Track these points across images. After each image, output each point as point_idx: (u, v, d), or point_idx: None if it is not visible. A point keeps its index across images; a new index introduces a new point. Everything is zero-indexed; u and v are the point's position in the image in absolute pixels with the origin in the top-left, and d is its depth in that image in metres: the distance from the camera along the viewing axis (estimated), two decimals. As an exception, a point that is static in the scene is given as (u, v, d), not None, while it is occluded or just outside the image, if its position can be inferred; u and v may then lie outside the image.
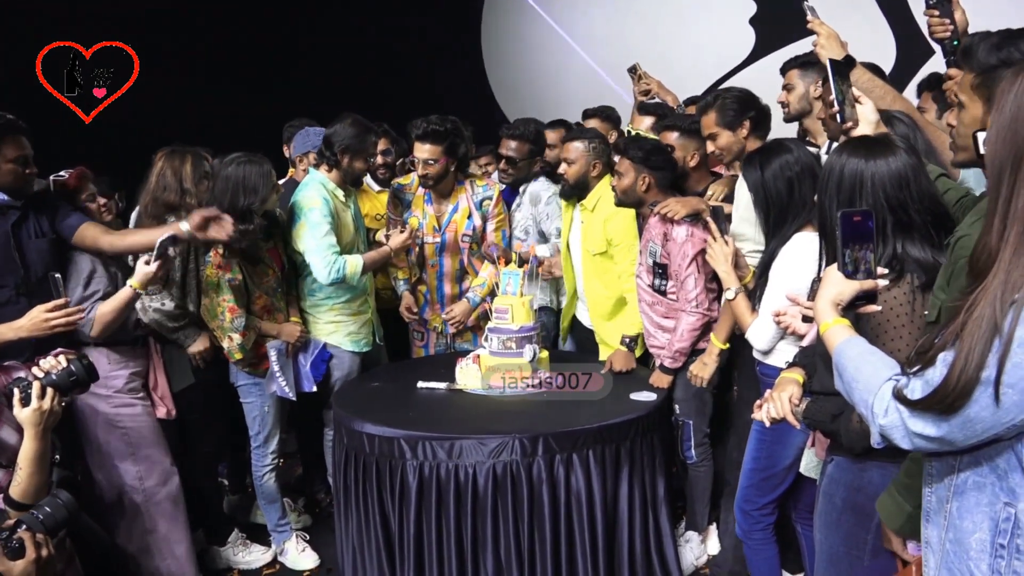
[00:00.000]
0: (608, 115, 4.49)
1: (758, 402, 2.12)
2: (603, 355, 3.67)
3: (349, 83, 6.21)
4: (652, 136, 3.62)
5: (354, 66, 6.53)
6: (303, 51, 6.24)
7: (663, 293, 3.30)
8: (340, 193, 3.63)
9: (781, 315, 2.30)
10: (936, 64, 3.13)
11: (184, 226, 3.02)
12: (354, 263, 3.53)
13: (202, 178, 3.37)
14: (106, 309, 3.01)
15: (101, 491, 3.14)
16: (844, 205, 1.91)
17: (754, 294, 2.77)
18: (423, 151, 3.74)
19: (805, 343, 2.32)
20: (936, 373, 1.29)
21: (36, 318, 2.67)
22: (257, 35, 5.92)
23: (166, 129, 3.77)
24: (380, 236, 3.86)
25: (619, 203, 3.42)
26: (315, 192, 3.54)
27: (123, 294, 3.00)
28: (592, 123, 4.35)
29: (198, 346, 3.39)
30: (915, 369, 1.35)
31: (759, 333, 2.73)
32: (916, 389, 1.33)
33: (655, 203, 3.24)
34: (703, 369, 3.16)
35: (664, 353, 3.29)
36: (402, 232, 3.72)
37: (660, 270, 3.29)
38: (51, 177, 3.11)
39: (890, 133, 2.14)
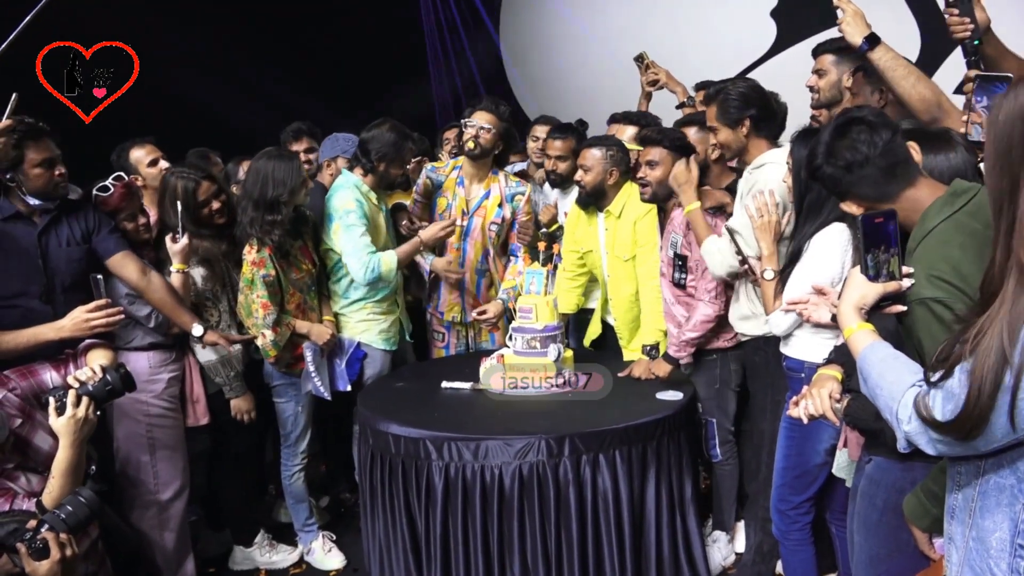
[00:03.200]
0: (634, 121, 4.42)
1: (794, 399, 2.11)
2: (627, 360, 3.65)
3: (359, 81, 6.21)
4: (635, 147, 3.57)
5: (365, 64, 6.53)
6: (312, 49, 6.22)
7: (683, 287, 3.28)
8: (373, 196, 3.66)
9: (800, 303, 2.28)
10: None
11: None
12: (388, 260, 3.55)
13: (223, 179, 3.40)
14: (165, 296, 3.10)
15: (120, 494, 3.19)
16: None
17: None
18: (483, 118, 3.85)
19: (839, 340, 2.32)
20: (955, 383, 1.32)
21: (77, 319, 2.70)
22: (261, 32, 5.91)
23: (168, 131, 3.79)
24: (404, 226, 3.87)
25: (651, 198, 3.34)
26: (349, 194, 3.57)
27: (173, 279, 3.15)
28: (617, 128, 4.29)
29: (243, 403, 3.43)
30: (936, 378, 1.37)
31: (780, 318, 2.71)
32: (936, 405, 1.36)
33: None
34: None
35: (672, 341, 3.27)
36: (439, 223, 3.71)
37: (680, 261, 3.27)
38: (94, 189, 3.12)
39: (951, 128, 2.10)
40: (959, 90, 2.47)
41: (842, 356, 2.16)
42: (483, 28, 7.39)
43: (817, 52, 3.36)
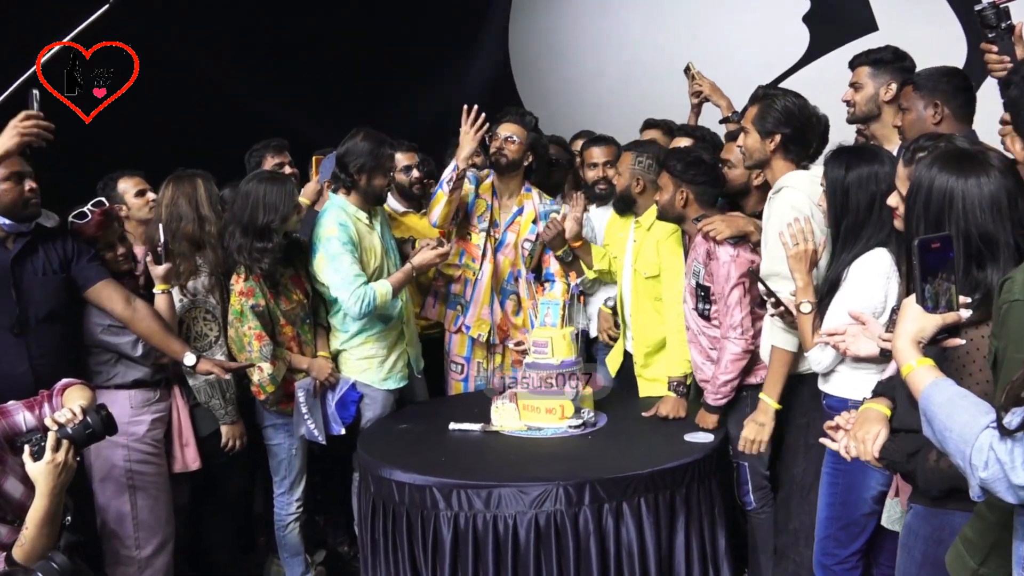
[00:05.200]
0: (669, 127, 4.43)
1: (828, 424, 2.10)
2: (642, 391, 3.67)
3: (363, 92, 6.25)
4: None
5: (369, 74, 6.57)
6: (311, 56, 6.28)
7: (707, 318, 3.29)
8: (363, 215, 3.65)
9: (837, 335, 2.26)
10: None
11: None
12: (383, 290, 3.55)
13: (217, 202, 3.43)
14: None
15: (98, 548, 3.19)
16: (931, 225, 1.90)
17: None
18: (508, 129, 3.96)
19: (885, 375, 2.32)
20: None
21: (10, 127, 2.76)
22: (258, 41, 5.98)
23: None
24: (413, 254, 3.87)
25: (660, 217, 3.45)
26: (331, 219, 3.56)
27: (157, 302, 3.20)
28: (650, 134, 4.34)
29: (236, 429, 3.43)
30: (1016, 424, 1.36)
31: (820, 353, 2.71)
32: (1019, 462, 1.35)
33: (698, 219, 3.25)
34: (759, 431, 3.08)
35: (708, 389, 3.28)
36: (431, 248, 3.72)
37: (703, 292, 3.28)
38: (70, 216, 3.15)
39: (987, 148, 2.11)
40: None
41: (890, 389, 2.14)
42: (489, 36, 7.44)
43: (853, 64, 3.39)
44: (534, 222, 4.06)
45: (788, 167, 3.03)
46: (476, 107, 3.88)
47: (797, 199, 2.91)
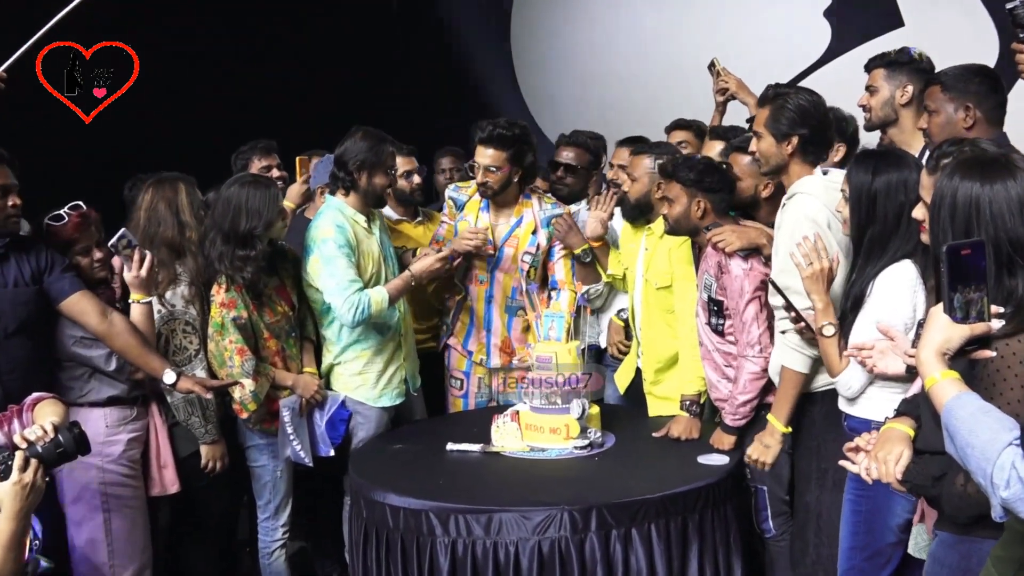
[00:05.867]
0: (700, 128, 4.43)
1: (848, 445, 2.12)
2: (652, 410, 3.67)
3: (357, 95, 6.29)
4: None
5: (364, 76, 6.61)
6: (299, 59, 6.33)
7: (721, 333, 3.30)
8: (361, 218, 3.67)
9: (865, 349, 2.25)
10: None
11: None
12: (379, 297, 3.55)
13: (199, 208, 3.44)
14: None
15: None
16: (959, 236, 1.90)
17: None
18: (485, 156, 3.83)
19: (910, 392, 2.32)
20: None
21: None
22: (247, 39, 6.05)
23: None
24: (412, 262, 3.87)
25: (671, 232, 3.43)
26: (328, 220, 3.58)
27: (134, 313, 3.16)
28: (679, 136, 4.33)
29: (217, 449, 3.43)
30: None
31: (850, 378, 2.70)
32: None
33: (708, 228, 3.25)
34: (765, 453, 3.08)
35: (726, 409, 3.27)
36: (428, 254, 3.73)
37: (715, 306, 3.28)
38: (47, 219, 3.17)
39: (1010, 152, 2.12)
40: None
41: (914, 407, 2.14)
42: (491, 33, 7.45)
43: (868, 67, 3.40)
44: (534, 233, 3.99)
45: (806, 171, 3.02)
46: (482, 231, 3.87)
47: (811, 207, 2.90)
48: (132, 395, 3.29)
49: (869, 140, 3.53)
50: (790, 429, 3.05)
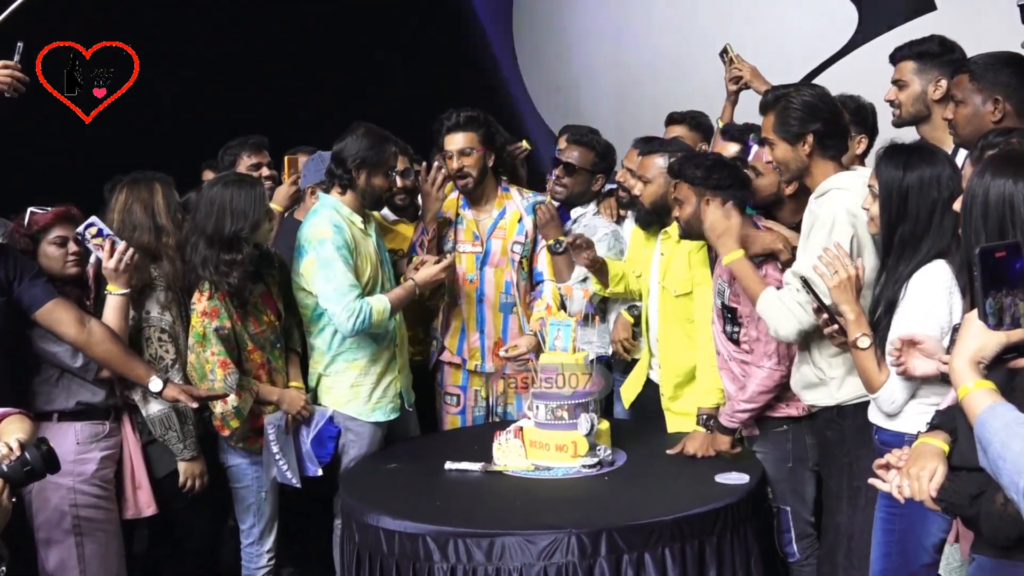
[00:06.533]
0: (698, 122, 4.47)
1: (878, 462, 2.11)
2: (671, 427, 3.65)
3: (352, 92, 6.35)
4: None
5: (359, 72, 6.65)
6: (295, 55, 6.39)
7: (737, 342, 3.30)
8: (358, 219, 3.67)
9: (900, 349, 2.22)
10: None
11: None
12: (380, 307, 3.55)
13: (177, 210, 3.44)
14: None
15: None
16: (992, 237, 1.90)
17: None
18: (456, 141, 3.92)
19: (943, 404, 2.32)
20: None
21: None
22: (239, 39, 6.13)
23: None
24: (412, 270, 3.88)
25: (684, 235, 3.42)
26: (324, 220, 3.58)
27: (109, 306, 3.19)
28: (677, 131, 4.35)
29: (196, 466, 3.41)
30: None
31: (892, 391, 2.68)
32: None
33: None
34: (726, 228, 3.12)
35: (724, 409, 3.28)
36: (436, 263, 3.74)
37: (730, 314, 3.29)
38: (30, 209, 3.21)
39: None
40: None
41: (949, 420, 2.13)
42: (494, 20, 7.48)
43: (895, 58, 3.38)
44: (520, 220, 4.06)
45: (830, 167, 3.02)
46: (436, 164, 3.99)
47: (850, 201, 2.88)
48: (105, 405, 3.28)
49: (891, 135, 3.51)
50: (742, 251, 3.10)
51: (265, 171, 4.32)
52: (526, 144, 4.53)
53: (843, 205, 2.89)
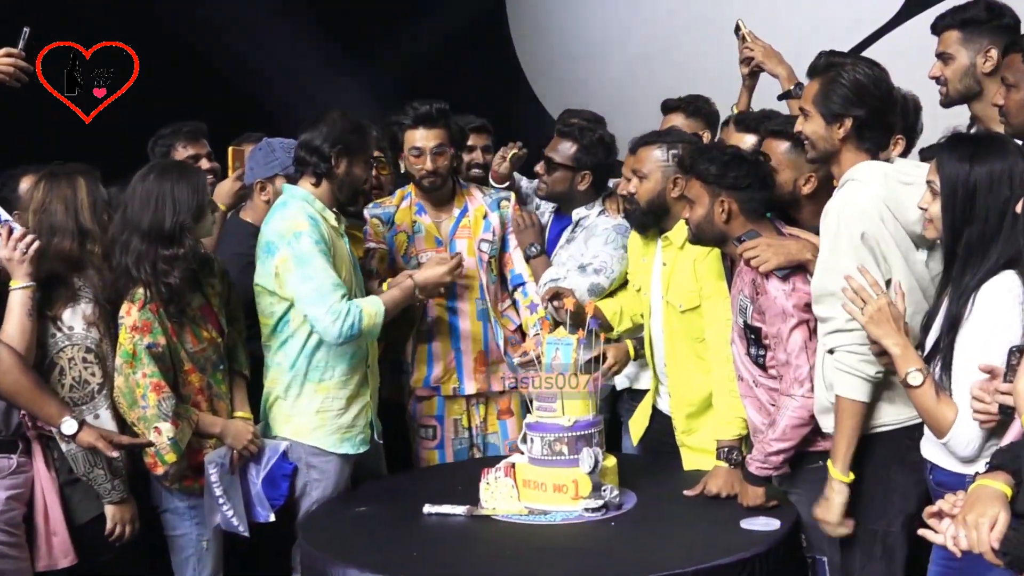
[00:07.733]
0: (697, 109, 4.47)
1: (929, 509, 2.12)
2: (687, 463, 3.66)
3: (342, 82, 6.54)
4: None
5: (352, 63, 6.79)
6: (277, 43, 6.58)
7: (764, 367, 3.28)
8: (331, 215, 3.67)
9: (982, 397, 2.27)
10: None
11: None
12: (372, 311, 3.53)
13: (103, 209, 3.42)
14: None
15: None
16: None
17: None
18: (429, 138, 4.01)
19: (1005, 440, 2.34)
20: None
21: None
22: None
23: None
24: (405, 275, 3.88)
25: (694, 240, 3.41)
26: (298, 211, 3.56)
27: (12, 304, 3.18)
28: (675, 119, 4.36)
29: (124, 511, 3.37)
30: None
31: (966, 432, 2.60)
32: None
33: (742, 238, 3.22)
34: (829, 512, 3.03)
35: (753, 454, 3.25)
36: (440, 262, 3.79)
37: (753, 335, 3.27)
38: None
39: None
40: None
41: (1011, 459, 2.15)
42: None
43: (938, 28, 3.39)
44: (485, 217, 4.17)
45: (861, 160, 3.01)
46: (458, 254, 3.98)
47: (863, 197, 2.90)
48: (11, 435, 3.25)
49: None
50: (852, 477, 3.00)
51: (205, 163, 4.35)
52: (517, 151, 4.59)
53: (853, 200, 2.91)
